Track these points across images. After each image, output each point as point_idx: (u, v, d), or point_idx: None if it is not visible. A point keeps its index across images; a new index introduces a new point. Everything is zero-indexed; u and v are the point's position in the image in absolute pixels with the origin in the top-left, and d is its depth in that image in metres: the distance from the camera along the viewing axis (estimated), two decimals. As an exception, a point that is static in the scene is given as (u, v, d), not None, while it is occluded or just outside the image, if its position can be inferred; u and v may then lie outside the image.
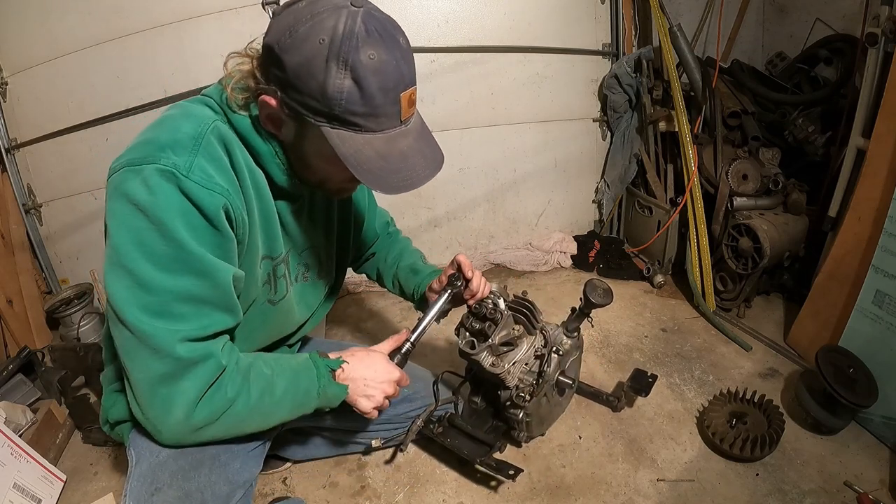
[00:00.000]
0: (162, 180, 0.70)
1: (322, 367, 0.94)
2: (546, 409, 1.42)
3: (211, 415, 0.80)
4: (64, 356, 1.86)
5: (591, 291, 1.29)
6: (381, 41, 0.72)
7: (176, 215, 0.70)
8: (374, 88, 0.72)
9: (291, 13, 0.73)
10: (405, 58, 0.76)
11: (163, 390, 0.76)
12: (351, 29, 0.70)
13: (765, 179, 2.08)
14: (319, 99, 0.72)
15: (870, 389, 1.43)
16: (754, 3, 2.77)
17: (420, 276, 1.29)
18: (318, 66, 0.70)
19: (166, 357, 0.74)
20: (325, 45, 0.70)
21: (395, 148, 0.78)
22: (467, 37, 2.35)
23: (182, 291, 0.73)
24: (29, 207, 2.32)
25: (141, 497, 0.82)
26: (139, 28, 2.13)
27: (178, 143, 0.73)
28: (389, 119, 0.76)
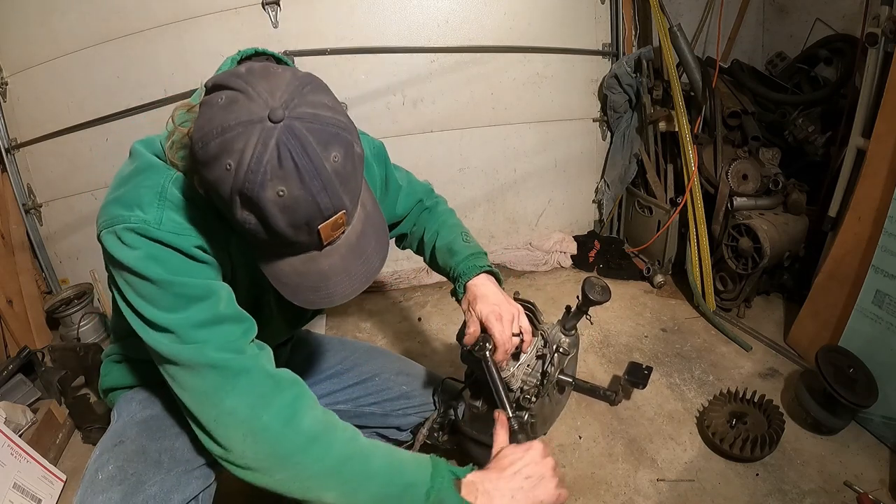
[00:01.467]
0: (136, 236, 0.71)
1: (443, 467, 0.78)
2: (549, 408, 1.42)
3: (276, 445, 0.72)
4: (64, 356, 1.86)
5: (589, 289, 1.29)
6: (295, 172, 0.61)
7: (155, 263, 0.72)
8: (282, 226, 0.65)
9: (209, 114, 0.64)
10: (328, 186, 0.64)
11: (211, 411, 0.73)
12: (259, 158, 0.60)
13: (765, 179, 2.08)
14: (231, 219, 0.68)
15: (870, 389, 1.43)
16: (754, 3, 2.77)
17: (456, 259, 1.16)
18: (225, 194, 0.64)
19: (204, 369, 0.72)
20: (231, 172, 0.61)
21: (313, 267, 0.73)
22: (467, 37, 2.35)
23: (194, 320, 0.73)
24: (29, 207, 2.32)
25: (106, 446, 0.85)
26: (139, 28, 2.13)
27: (142, 200, 0.73)
28: (305, 246, 0.70)
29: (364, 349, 1.36)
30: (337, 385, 1.26)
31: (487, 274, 1.14)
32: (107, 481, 0.80)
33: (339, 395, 1.26)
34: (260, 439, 0.72)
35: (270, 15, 2.17)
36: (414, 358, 1.93)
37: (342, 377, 1.27)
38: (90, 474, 0.82)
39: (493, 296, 1.09)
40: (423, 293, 2.45)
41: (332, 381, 1.27)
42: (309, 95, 0.65)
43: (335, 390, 1.26)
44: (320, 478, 0.74)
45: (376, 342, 2.10)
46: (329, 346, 1.34)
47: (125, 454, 0.83)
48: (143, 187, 0.74)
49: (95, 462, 0.84)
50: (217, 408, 0.72)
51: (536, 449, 0.85)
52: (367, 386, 1.27)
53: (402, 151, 2.48)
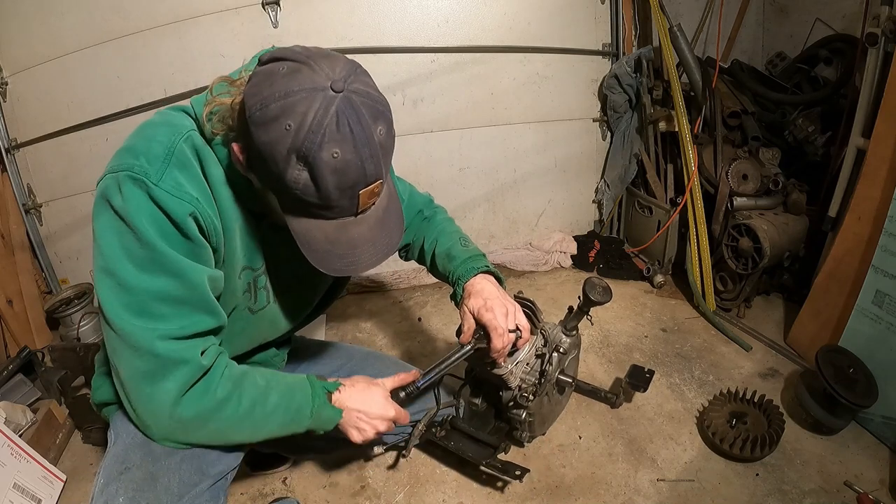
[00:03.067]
0: (134, 187, 0.73)
1: (318, 387, 0.94)
2: (548, 408, 1.42)
3: (197, 415, 0.81)
4: (64, 356, 1.86)
5: (590, 289, 1.29)
6: (351, 137, 0.68)
7: (147, 220, 0.73)
8: (330, 187, 0.70)
9: (269, 80, 0.68)
10: (374, 155, 0.71)
11: (146, 388, 0.78)
12: (320, 121, 0.66)
13: (765, 179, 2.08)
14: (276, 182, 0.72)
15: (870, 389, 1.43)
16: (754, 3, 2.77)
17: (455, 263, 1.19)
18: (280, 154, 0.68)
19: (146, 354, 0.76)
20: (290, 132, 0.66)
21: (344, 235, 0.77)
22: (467, 37, 2.35)
23: (159, 291, 0.75)
24: (29, 207, 2.32)
25: (111, 475, 0.85)
26: (139, 28, 2.13)
27: (151, 151, 0.75)
28: (343, 211, 0.75)
29: (361, 355, 1.36)
30: None
31: (486, 274, 1.16)
32: None
33: None
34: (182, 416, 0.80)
35: (270, 15, 2.17)
36: (414, 358, 1.94)
37: None
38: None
39: (487, 291, 1.12)
40: (423, 293, 2.46)
41: None
42: (362, 76, 0.73)
43: None
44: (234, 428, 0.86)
45: (376, 342, 2.10)
46: (326, 352, 1.34)
47: (134, 483, 0.83)
48: (154, 140, 0.77)
49: (103, 493, 0.83)
50: (151, 388, 0.78)
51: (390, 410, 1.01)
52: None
53: (402, 151, 2.46)
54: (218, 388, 0.82)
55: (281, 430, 0.90)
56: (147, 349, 0.75)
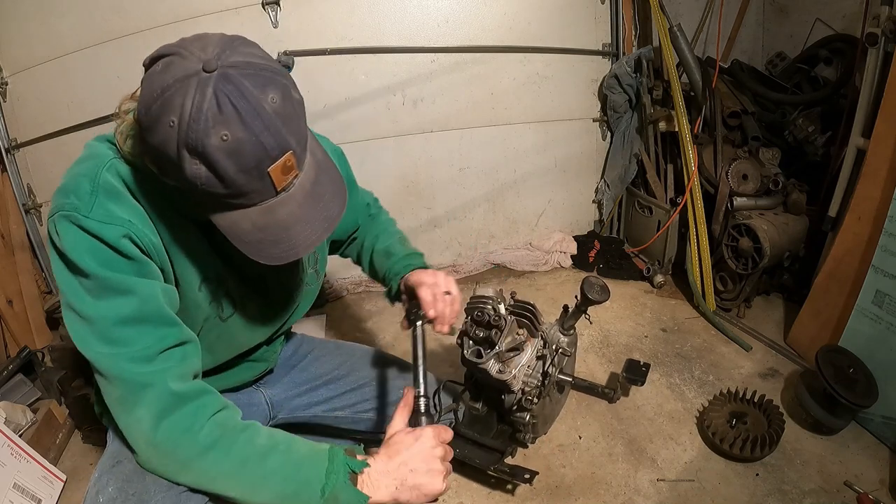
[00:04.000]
0: (68, 224, 0.74)
1: (340, 462, 0.79)
2: (549, 408, 1.42)
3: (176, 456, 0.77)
4: (64, 356, 1.86)
5: (588, 288, 1.29)
6: (236, 115, 0.63)
7: (84, 252, 0.73)
8: (231, 173, 0.65)
9: (149, 82, 0.66)
10: (270, 126, 0.65)
11: (123, 416, 0.77)
12: (199, 107, 0.62)
13: (765, 179, 2.08)
14: (182, 183, 0.68)
15: (870, 389, 1.43)
16: (754, 3, 2.77)
17: (392, 259, 1.19)
18: (172, 153, 0.65)
19: (115, 380, 0.75)
20: (174, 128, 0.63)
21: (272, 218, 0.73)
22: (467, 37, 2.35)
23: (116, 314, 0.74)
24: (29, 207, 2.32)
25: (104, 468, 0.86)
26: (139, 28, 2.12)
27: (79, 187, 0.75)
28: (260, 193, 0.70)
29: (360, 353, 1.35)
30: (333, 391, 1.25)
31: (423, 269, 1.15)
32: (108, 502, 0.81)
33: (335, 401, 1.25)
34: (160, 450, 0.77)
35: (270, 15, 2.17)
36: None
37: (339, 383, 1.26)
38: (91, 497, 0.83)
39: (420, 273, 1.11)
40: (423, 293, 2.45)
41: (329, 387, 1.25)
42: (240, 47, 0.68)
43: (332, 396, 1.25)
44: (221, 480, 0.78)
45: (376, 342, 2.10)
46: (325, 350, 1.32)
47: (124, 474, 0.83)
48: (80, 176, 0.77)
49: (95, 484, 0.84)
50: (126, 416, 0.77)
51: (427, 437, 0.84)
52: (364, 391, 1.26)
53: (402, 151, 2.49)
54: (202, 431, 0.77)
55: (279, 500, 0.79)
56: (115, 375, 0.75)
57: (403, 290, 1.14)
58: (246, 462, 0.78)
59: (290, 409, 1.23)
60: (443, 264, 2.65)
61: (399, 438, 0.84)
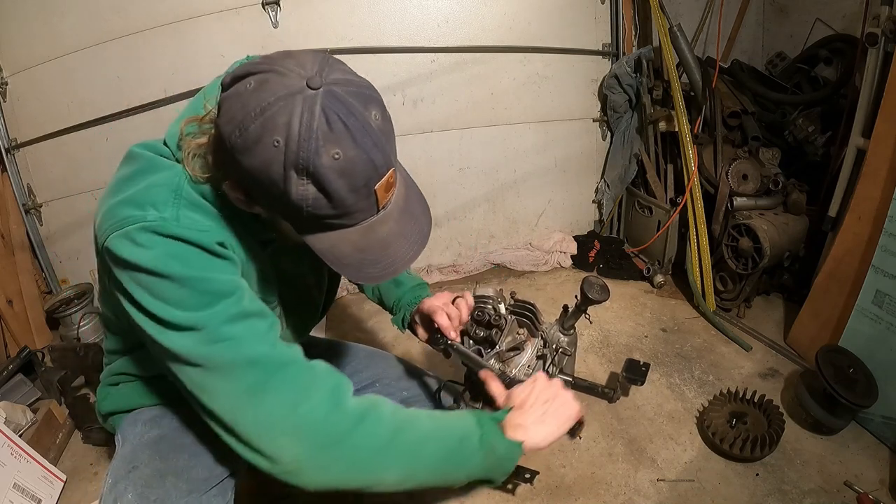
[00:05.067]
0: (152, 235, 0.68)
1: (483, 415, 0.80)
2: (548, 408, 1.42)
3: (328, 434, 0.70)
4: (64, 356, 1.86)
5: (587, 288, 1.29)
6: (346, 133, 0.61)
7: (175, 261, 0.68)
8: (342, 192, 0.63)
9: (240, 102, 0.62)
10: (377, 143, 0.64)
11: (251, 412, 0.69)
12: (308, 125, 0.59)
13: (765, 179, 2.08)
14: (283, 206, 0.65)
15: (870, 389, 1.43)
16: (754, 3, 2.77)
17: (402, 290, 1.21)
18: (277, 175, 0.62)
19: (239, 367, 0.69)
20: (280, 148, 0.60)
21: (373, 238, 0.71)
22: (467, 37, 2.35)
23: (224, 315, 0.69)
24: (29, 207, 2.32)
25: (119, 474, 0.83)
26: (139, 28, 2.13)
27: (157, 198, 0.71)
28: (364, 213, 0.69)
29: (364, 353, 1.35)
30: None
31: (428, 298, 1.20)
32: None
33: None
34: (307, 432, 0.69)
35: (270, 15, 2.17)
36: (414, 359, 1.94)
37: None
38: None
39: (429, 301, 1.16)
40: (423, 293, 2.46)
41: None
42: (336, 65, 0.65)
43: None
44: (378, 455, 0.72)
45: (376, 342, 2.10)
46: (328, 351, 1.32)
47: (143, 480, 0.81)
48: (155, 186, 0.71)
49: (112, 492, 0.81)
50: (257, 409, 0.69)
51: (541, 379, 0.89)
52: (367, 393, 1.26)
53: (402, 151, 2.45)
54: (349, 401, 0.72)
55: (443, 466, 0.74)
56: (241, 359, 0.68)
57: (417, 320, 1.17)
58: (401, 428, 0.74)
59: None
60: (443, 264, 2.65)
61: (516, 391, 0.88)
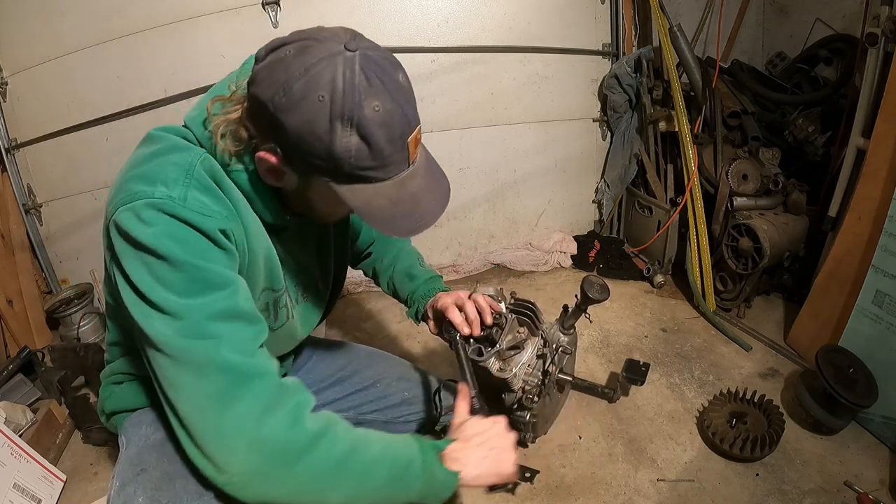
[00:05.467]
0: (157, 213, 0.69)
1: (426, 443, 0.82)
2: (549, 407, 1.42)
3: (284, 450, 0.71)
4: (64, 356, 1.86)
5: (587, 287, 1.29)
6: (384, 88, 0.68)
7: (175, 242, 0.69)
8: (382, 142, 0.69)
9: (281, 66, 0.67)
10: (408, 99, 0.72)
11: (217, 416, 0.69)
12: (351, 81, 0.66)
13: (765, 179, 2.08)
14: (326, 159, 0.69)
15: (870, 389, 1.43)
16: (754, 3, 2.77)
17: (416, 283, 1.25)
18: (323, 127, 0.66)
19: (213, 372, 0.69)
20: (325, 102, 0.65)
21: (405, 192, 0.76)
22: (467, 37, 2.35)
23: (211, 309, 0.70)
24: (29, 207, 2.32)
25: (127, 477, 0.82)
26: (139, 28, 2.13)
27: (168, 176, 0.72)
28: (398, 165, 0.74)
29: (365, 354, 1.35)
30: (339, 393, 1.25)
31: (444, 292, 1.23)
32: None
33: (341, 402, 1.25)
34: (266, 447, 0.70)
35: (270, 15, 2.17)
36: (414, 358, 1.94)
37: (344, 384, 1.26)
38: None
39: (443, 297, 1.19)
40: (423, 293, 2.46)
41: (335, 388, 1.25)
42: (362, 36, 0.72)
43: (337, 398, 1.25)
44: (329, 474, 0.73)
45: (376, 342, 2.10)
46: (329, 351, 1.33)
47: (152, 483, 0.80)
48: (169, 164, 0.73)
49: (120, 494, 0.80)
50: (222, 416, 0.69)
51: (501, 423, 0.90)
52: (368, 393, 1.26)
53: (402, 151, 2.48)
54: (307, 422, 0.73)
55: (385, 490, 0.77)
56: (215, 363, 0.69)
57: (430, 314, 1.20)
58: (355, 447, 0.76)
59: None
60: (443, 264, 2.65)
61: (474, 422, 0.90)
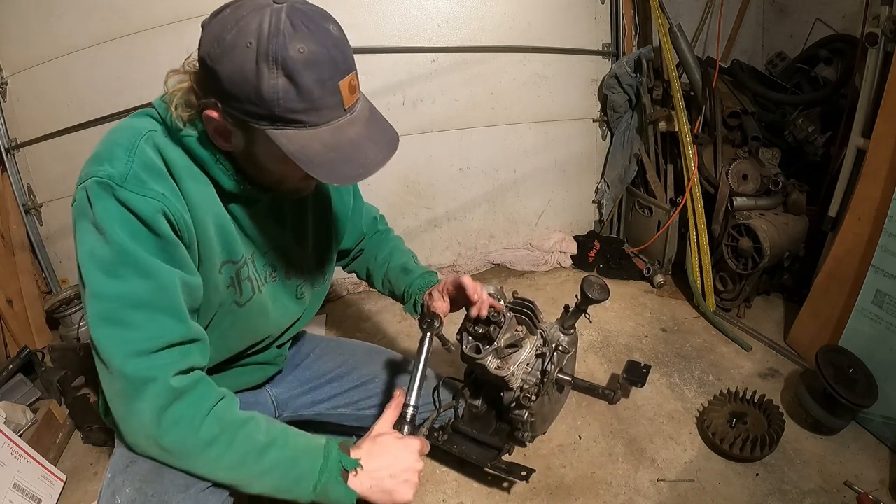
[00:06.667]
0: (100, 191, 0.74)
1: (334, 461, 0.82)
2: (548, 407, 1.42)
3: (177, 448, 0.78)
4: (64, 356, 1.86)
5: (587, 287, 1.29)
6: (310, 33, 0.71)
7: (115, 221, 0.73)
8: (309, 82, 0.71)
9: (218, 22, 0.73)
10: (338, 45, 0.74)
11: (122, 409, 0.77)
12: (276, 26, 0.69)
13: (765, 179, 2.08)
14: (258, 103, 0.72)
15: (870, 389, 1.43)
16: (754, 3, 2.77)
17: (412, 277, 1.26)
18: (250, 71, 0.70)
19: (116, 374, 0.74)
20: (252, 48, 0.69)
21: (343, 137, 0.77)
22: (467, 37, 2.35)
23: (130, 296, 0.74)
24: (29, 207, 2.32)
25: (117, 468, 0.85)
26: (139, 28, 2.12)
27: (114, 155, 0.76)
28: (332, 110, 0.75)
29: (363, 350, 1.36)
30: (337, 389, 1.26)
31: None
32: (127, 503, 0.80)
33: (339, 398, 1.26)
34: (161, 444, 0.77)
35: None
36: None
37: (342, 380, 1.27)
38: (107, 498, 0.81)
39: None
40: (423, 293, 2.46)
41: (333, 385, 1.26)
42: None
43: (335, 394, 1.25)
44: (220, 474, 0.80)
45: (376, 342, 2.10)
46: (328, 348, 1.33)
47: (140, 475, 0.82)
48: (115, 144, 0.78)
49: (110, 485, 0.83)
50: (124, 409, 0.76)
51: (413, 447, 0.88)
52: (367, 389, 1.27)
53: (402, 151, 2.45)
54: (203, 425, 0.78)
55: (275, 493, 0.82)
56: (117, 368, 0.74)
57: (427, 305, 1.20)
58: (245, 458, 0.80)
59: (294, 408, 1.24)
60: (443, 264, 2.65)
61: (387, 441, 0.87)
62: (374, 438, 0.88)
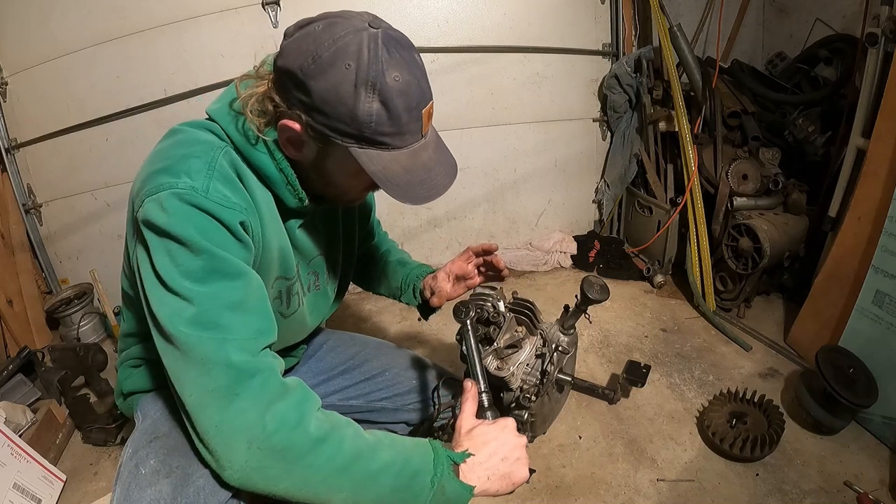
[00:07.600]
0: (180, 202, 0.73)
1: (442, 454, 0.78)
2: (548, 407, 1.42)
3: (284, 449, 0.70)
4: (64, 356, 1.86)
5: (587, 287, 1.29)
6: (403, 62, 0.75)
7: (196, 230, 0.73)
8: (400, 109, 0.75)
9: (310, 37, 0.74)
10: (423, 75, 0.79)
11: (219, 411, 0.70)
12: (375, 52, 0.72)
13: (765, 179, 2.08)
14: (349, 122, 0.74)
15: (870, 389, 1.43)
16: (754, 3, 2.77)
17: (409, 268, 1.32)
18: (347, 92, 0.72)
19: (217, 367, 0.70)
20: (351, 70, 0.72)
21: (418, 161, 0.81)
22: (467, 37, 2.35)
23: (223, 298, 0.73)
24: (29, 207, 2.32)
25: (140, 444, 0.84)
26: (139, 28, 2.13)
27: (191, 168, 0.76)
28: (413, 135, 0.79)
29: (374, 344, 1.38)
30: (349, 380, 1.28)
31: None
32: (152, 475, 0.78)
33: (351, 390, 1.27)
34: (267, 446, 0.70)
35: (270, 15, 2.17)
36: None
37: (354, 372, 1.29)
38: (129, 470, 0.80)
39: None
40: (423, 293, 2.46)
41: (345, 376, 1.28)
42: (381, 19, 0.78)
43: (347, 386, 1.27)
44: (331, 478, 0.73)
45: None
46: (340, 341, 1.36)
47: (165, 448, 0.82)
48: (192, 157, 0.78)
49: (133, 458, 0.82)
50: (223, 412, 0.70)
51: (511, 427, 0.86)
52: (378, 381, 1.28)
53: (402, 151, 2.48)
54: (312, 423, 0.73)
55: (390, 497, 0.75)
56: (219, 360, 0.70)
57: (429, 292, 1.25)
58: (359, 455, 0.75)
59: None
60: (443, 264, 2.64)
61: (483, 430, 0.83)
62: (468, 433, 0.84)
